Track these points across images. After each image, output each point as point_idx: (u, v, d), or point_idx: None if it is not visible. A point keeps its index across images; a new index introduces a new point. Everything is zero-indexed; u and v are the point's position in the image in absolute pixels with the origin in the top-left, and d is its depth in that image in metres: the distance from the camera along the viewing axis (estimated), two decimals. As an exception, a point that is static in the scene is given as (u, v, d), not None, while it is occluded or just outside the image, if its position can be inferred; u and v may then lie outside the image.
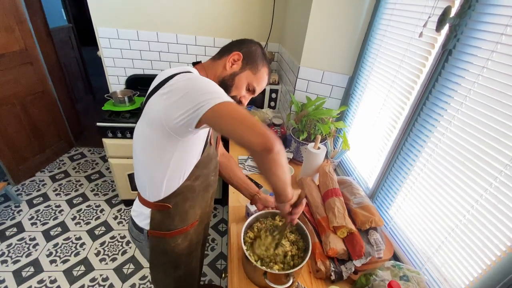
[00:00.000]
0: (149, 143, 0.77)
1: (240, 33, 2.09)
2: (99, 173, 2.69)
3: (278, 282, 0.82)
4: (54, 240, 1.98)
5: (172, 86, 0.69)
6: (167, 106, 0.68)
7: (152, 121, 0.72)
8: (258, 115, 1.87)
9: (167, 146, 0.75)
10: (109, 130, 1.84)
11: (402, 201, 1.04)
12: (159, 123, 0.70)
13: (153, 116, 0.72)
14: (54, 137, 2.76)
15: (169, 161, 0.77)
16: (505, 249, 0.65)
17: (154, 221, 0.87)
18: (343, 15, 1.34)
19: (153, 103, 0.72)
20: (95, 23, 1.92)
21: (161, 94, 0.70)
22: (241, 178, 1.14)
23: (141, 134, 0.78)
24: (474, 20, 0.76)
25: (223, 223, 2.29)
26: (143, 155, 0.81)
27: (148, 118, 0.74)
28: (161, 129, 0.71)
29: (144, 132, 0.77)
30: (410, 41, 1.02)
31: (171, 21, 1.99)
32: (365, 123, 1.36)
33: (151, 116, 0.73)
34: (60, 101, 2.77)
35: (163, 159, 0.77)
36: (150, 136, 0.75)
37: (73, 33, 3.50)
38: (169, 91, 0.69)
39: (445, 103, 0.85)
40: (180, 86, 0.68)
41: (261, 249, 0.88)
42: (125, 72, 2.17)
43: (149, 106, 0.74)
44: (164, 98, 0.69)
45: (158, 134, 0.72)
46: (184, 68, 0.77)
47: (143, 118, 0.77)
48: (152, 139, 0.75)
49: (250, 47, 0.86)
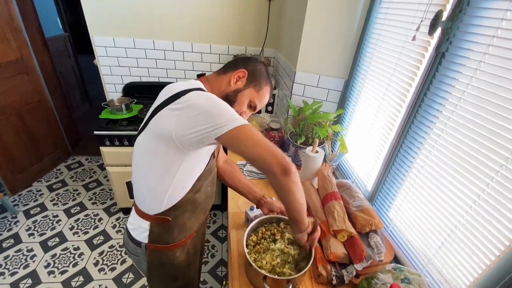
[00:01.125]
0: (155, 156, 0.76)
1: (236, 40, 2.11)
2: (96, 181, 2.67)
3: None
4: (52, 251, 1.95)
5: (189, 102, 0.70)
6: (182, 122, 0.69)
7: (162, 136, 0.72)
8: (256, 120, 1.87)
9: (175, 159, 0.75)
10: (106, 138, 1.83)
11: (401, 203, 1.05)
12: (169, 138, 0.71)
13: (164, 130, 0.72)
14: (51, 146, 2.75)
15: (175, 174, 0.77)
16: (504, 249, 0.65)
17: (153, 234, 0.86)
18: (337, 20, 1.36)
19: (164, 117, 0.72)
20: (91, 32, 1.93)
21: (173, 109, 0.71)
22: (246, 184, 1.14)
23: (147, 147, 0.78)
24: (465, 23, 0.77)
25: (222, 229, 2.27)
26: (148, 168, 0.80)
27: (158, 132, 0.74)
28: (171, 143, 0.71)
29: (150, 145, 0.76)
30: (404, 44, 1.04)
31: (167, 28, 2.01)
32: (362, 125, 1.37)
33: (161, 130, 0.73)
34: (56, 110, 2.76)
35: (170, 172, 0.77)
36: (158, 149, 0.75)
37: (69, 42, 3.51)
38: (185, 107, 0.69)
39: (440, 105, 0.86)
40: (198, 104, 0.69)
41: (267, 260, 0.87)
42: (122, 80, 2.18)
43: (158, 120, 0.73)
44: (178, 113, 0.70)
45: (166, 147, 0.73)
46: (195, 84, 0.78)
47: (149, 131, 0.76)
48: (160, 152, 0.75)
49: (255, 66, 0.88)
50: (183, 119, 0.69)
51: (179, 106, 0.70)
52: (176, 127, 0.69)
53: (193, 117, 0.68)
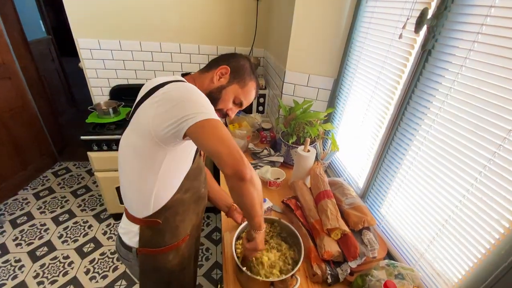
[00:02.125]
0: (136, 154, 0.75)
1: (225, 40, 2.10)
2: (85, 187, 2.61)
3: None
4: (41, 261, 1.89)
5: (164, 95, 0.68)
6: (157, 115, 0.67)
7: (141, 130, 0.71)
8: (247, 120, 1.86)
9: (156, 156, 0.73)
10: (94, 143, 1.79)
11: (392, 199, 1.06)
12: (147, 132, 0.69)
13: (143, 125, 0.70)
14: (36, 152, 2.66)
15: (157, 172, 0.75)
16: (494, 242, 0.66)
17: (144, 238, 0.84)
18: (325, 19, 1.36)
19: (143, 111, 0.71)
20: (75, 34, 1.88)
21: (152, 103, 0.69)
22: (217, 190, 1.12)
23: (128, 144, 0.76)
24: (450, 20, 0.78)
25: (216, 231, 2.25)
26: (129, 167, 0.78)
27: (137, 127, 0.72)
28: (149, 138, 0.69)
29: (132, 142, 0.75)
30: (391, 42, 1.05)
31: (154, 30, 1.97)
32: (353, 123, 1.38)
33: (140, 124, 0.71)
34: (41, 115, 2.68)
35: (152, 170, 0.75)
36: (138, 145, 0.73)
37: (53, 45, 3.42)
38: (161, 99, 0.68)
39: (428, 101, 0.87)
40: (172, 96, 0.68)
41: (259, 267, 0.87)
42: (109, 82, 2.13)
43: (138, 115, 0.72)
44: (155, 106, 0.68)
45: (146, 143, 0.71)
46: (175, 77, 0.77)
47: (130, 128, 0.75)
48: (140, 149, 0.73)
49: (239, 61, 0.86)
50: (159, 112, 0.67)
51: (157, 99, 0.69)
52: (153, 120, 0.68)
53: (169, 109, 0.66)
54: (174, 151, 0.74)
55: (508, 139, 0.63)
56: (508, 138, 0.63)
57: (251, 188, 0.67)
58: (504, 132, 0.63)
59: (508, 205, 0.63)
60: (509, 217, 0.63)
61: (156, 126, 0.67)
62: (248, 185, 0.66)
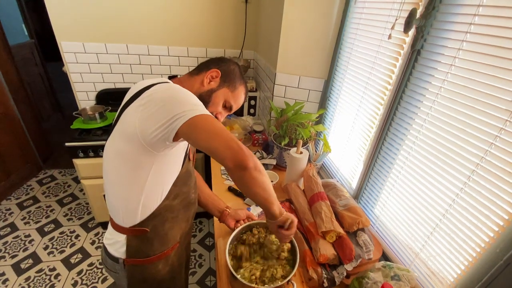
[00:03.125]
0: (123, 160, 0.71)
1: (214, 42, 2.08)
2: (72, 195, 2.52)
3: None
4: (26, 274, 1.81)
5: (150, 97, 0.66)
6: (144, 119, 0.64)
7: (127, 135, 0.68)
8: (238, 123, 1.84)
9: (143, 162, 0.70)
10: (79, 150, 1.73)
11: (386, 199, 1.06)
12: (134, 137, 0.66)
13: (129, 129, 0.67)
14: (19, 160, 2.56)
15: (145, 179, 0.72)
16: (488, 240, 0.66)
17: (131, 248, 0.80)
18: (314, 21, 1.36)
19: (129, 115, 0.68)
20: (58, 37, 1.82)
21: (137, 106, 0.67)
22: (208, 195, 1.09)
23: (114, 150, 0.73)
24: (439, 20, 0.79)
25: (209, 237, 2.21)
26: (115, 175, 0.74)
27: (123, 132, 0.69)
28: (137, 143, 0.66)
29: (117, 148, 0.71)
30: (380, 43, 1.05)
31: (141, 32, 1.93)
32: (344, 124, 1.38)
33: (126, 129, 0.68)
34: (24, 122, 2.58)
35: (139, 177, 0.72)
36: (124, 152, 0.69)
37: (36, 49, 3.31)
38: (147, 101, 0.65)
39: (418, 101, 0.88)
40: (157, 97, 0.65)
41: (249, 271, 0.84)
42: (95, 87, 2.07)
43: (124, 119, 0.69)
44: (141, 109, 0.65)
45: (133, 149, 0.68)
46: (161, 79, 0.74)
47: (116, 133, 0.72)
48: (127, 155, 0.70)
49: (229, 66, 0.86)
50: (146, 115, 0.64)
51: (142, 101, 0.66)
52: (140, 124, 0.65)
53: (155, 112, 0.64)
54: (163, 156, 0.71)
55: (500, 137, 0.63)
56: (499, 136, 0.63)
57: (257, 174, 0.63)
58: (496, 130, 0.64)
59: (501, 203, 0.63)
60: (503, 215, 0.63)
61: (143, 131, 0.64)
62: (253, 172, 0.62)
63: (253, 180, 0.63)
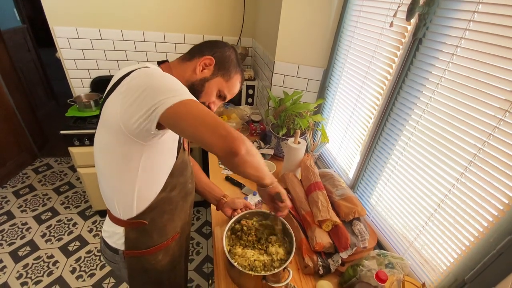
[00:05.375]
0: (111, 152, 0.68)
1: (211, 29, 2.03)
2: (68, 184, 2.51)
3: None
4: (24, 261, 1.82)
5: (129, 84, 0.61)
6: (124, 108, 0.60)
7: (111, 126, 0.64)
8: (236, 112, 1.82)
9: (131, 152, 0.67)
10: (75, 138, 1.71)
11: (382, 189, 1.06)
12: (117, 127, 0.62)
13: (111, 119, 0.63)
14: (14, 149, 2.53)
15: (136, 170, 0.69)
16: (482, 230, 0.67)
17: (129, 240, 0.79)
18: (314, 8, 1.33)
19: (110, 105, 0.64)
20: (50, 22, 1.76)
21: (117, 95, 0.63)
22: (205, 183, 1.08)
23: (101, 142, 0.70)
24: (442, 8, 0.77)
25: (207, 225, 2.23)
26: (106, 167, 0.72)
27: (106, 123, 0.66)
28: (121, 133, 0.62)
29: (103, 139, 0.68)
30: (382, 31, 1.03)
31: (136, 18, 1.88)
32: (342, 114, 1.37)
33: (109, 120, 0.64)
34: (18, 109, 2.54)
35: (130, 168, 0.69)
36: (110, 142, 0.66)
37: (29, 34, 3.22)
38: (125, 89, 0.62)
39: (418, 91, 0.87)
40: (136, 84, 0.61)
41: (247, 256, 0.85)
42: (89, 74, 2.02)
43: (106, 109, 0.65)
44: (121, 98, 0.61)
45: (118, 139, 0.64)
46: (141, 64, 0.70)
47: (100, 123, 0.69)
48: (114, 146, 0.66)
49: (224, 52, 0.80)
50: (126, 105, 0.60)
51: (122, 89, 0.62)
52: (121, 114, 0.61)
53: (134, 101, 0.59)
54: (151, 147, 0.68)
55: (498, 128, 0.63)
56: (498, 127, 0.63)
57: (250, 158, 0.60)
58: (494, 121, 0.63)
59: (497, 193, 0.63)
60: (498, 205, 0.63)
61: (125, 121, 0.61)
62: (245, 157, 0.58)
63: (245, 163, 0.61)
